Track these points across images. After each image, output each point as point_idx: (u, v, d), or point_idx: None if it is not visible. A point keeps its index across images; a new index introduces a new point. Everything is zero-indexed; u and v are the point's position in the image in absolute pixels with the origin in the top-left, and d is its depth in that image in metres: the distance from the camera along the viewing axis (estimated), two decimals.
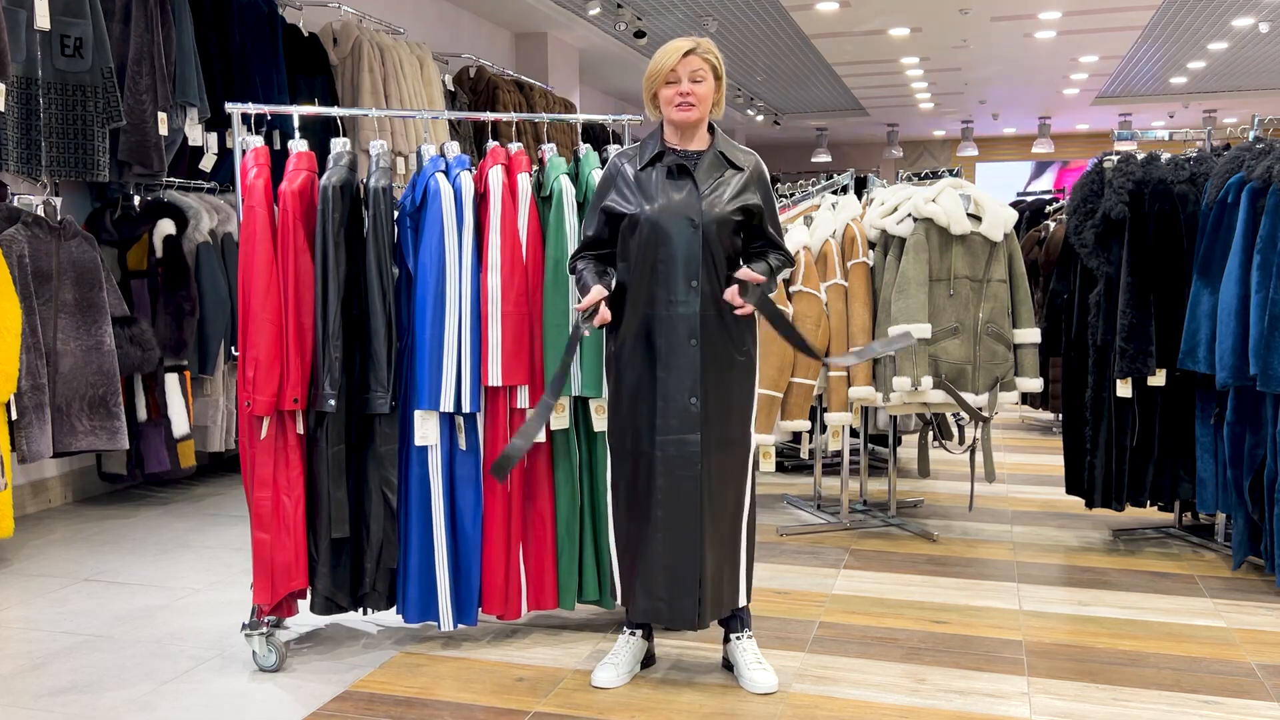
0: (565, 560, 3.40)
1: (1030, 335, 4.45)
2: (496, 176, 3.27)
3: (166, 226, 5.18)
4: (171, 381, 5.10)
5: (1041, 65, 13.72)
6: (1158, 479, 4.36)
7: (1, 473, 4.00)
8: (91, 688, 3.12)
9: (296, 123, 3.31)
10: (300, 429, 3.22)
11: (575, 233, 3.31)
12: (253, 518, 3.21)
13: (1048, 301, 5.02)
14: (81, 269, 4.57)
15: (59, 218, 4.54)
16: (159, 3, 5.06)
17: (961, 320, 4.32)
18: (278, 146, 5.66)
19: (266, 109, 3.35)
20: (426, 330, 3.21)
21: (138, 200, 5.28)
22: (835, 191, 5.46)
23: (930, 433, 5.16)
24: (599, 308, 2.90)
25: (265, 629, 3.20)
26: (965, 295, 4.33)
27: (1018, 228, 5.21)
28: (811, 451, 5.19)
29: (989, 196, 4.45)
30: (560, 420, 3.32)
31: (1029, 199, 9.45)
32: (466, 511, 3.28)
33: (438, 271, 3.21)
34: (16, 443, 4.21)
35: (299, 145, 3.27)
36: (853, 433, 5.64)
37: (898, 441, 5.23)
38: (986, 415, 4.38)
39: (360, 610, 3.38)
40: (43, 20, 4.53)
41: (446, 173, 3.27)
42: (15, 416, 4.18)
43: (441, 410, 3.21)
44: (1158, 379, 4.24)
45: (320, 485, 3.23)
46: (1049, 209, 7.97)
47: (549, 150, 3.44)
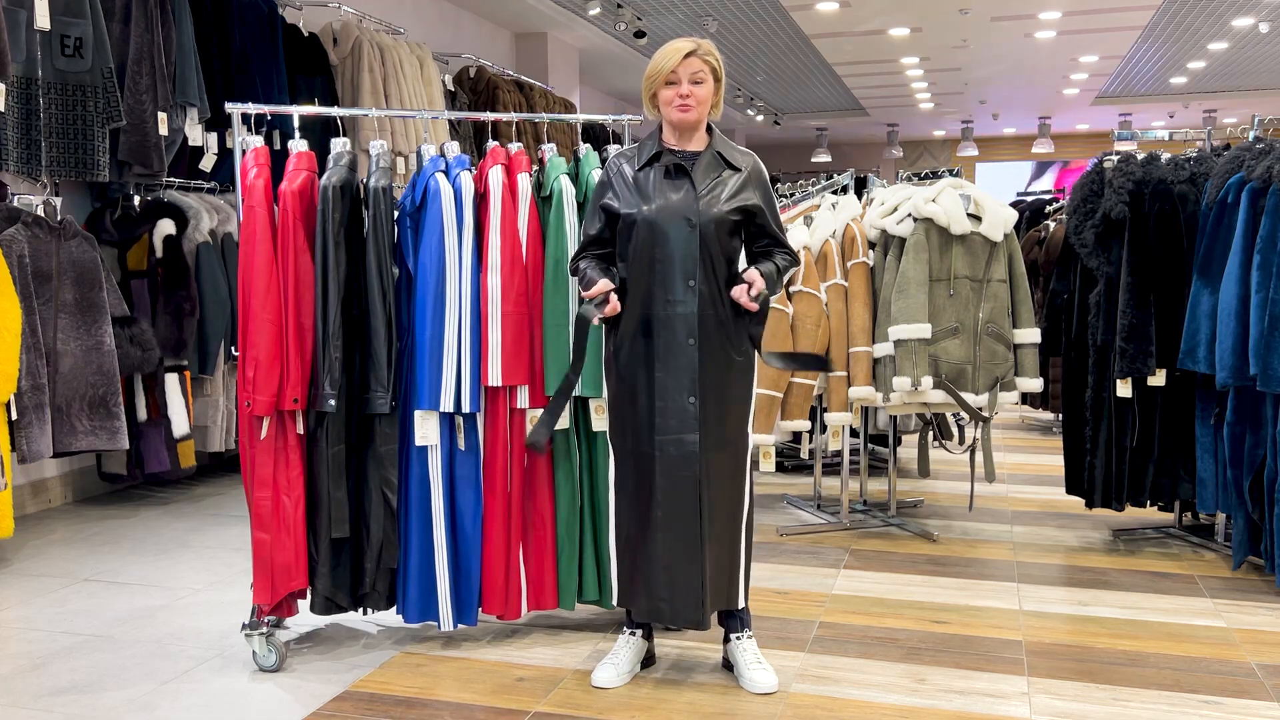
0: (565, 560, 3.40)
1: (1030, 335, 4.45)
2: (496, 176, 3.27)
3: (166, 226, 5.18)
4: (171, 381, 5.10)
5: (1041, 65, 13.72)
6: (1158, 479, 4.36)
7: (1, 473, 4.01)
8: (91, 688, 3.12)
9: (296, 123, 3.32)
10: (300, 429, 3.22)
11: (575, 233, 3.31)
12: (253, 518, 3.21)
13: (1048, 301, 5.02)
14: (81, 269, 4.57)
15: (59, 218, 4.54)
16: (159, 3, 5.06)
17: (961, 320, 4.32)
18: (278, 146, 5.66)
19: (266, 109, 3.35)
20: (426, 330, 3.21)
21: (138, 200, 5.28)
22: (835, 191, 5.46)
23: (930, 433, 5.16)
24: (608, 297, 2.90)
25: (265, 629, 3.20)
26: (965, 295, 4.33)
27: (1018, 228, 5.20)
28: (811, 451, 5.19)
29: (989, 196, 4.45)
30: (560, 420, 3.32)
31: (1029, 199, 9.45)
32: (466, 511, 3.28)
33: (438, 271, 3.21)
34: (16, 443, 4.21)
35: (299, 145, 3.27)
36: (853, 433, 5.64)
37: (898, 441, 5.23)
38: (986, 415, 4.37)
39: (360, 610, 3.38)
40: (43, 20, 4.53)
41: (446, 173, 3.27)
42: (15, 416, 4.18)
43: (441, 410, 3.21)
44: (1158, 379, 4.24)
45: (320, 485, 3.23)
46: (1049, 209, 7.97)
47: (549, 150, 3.44)
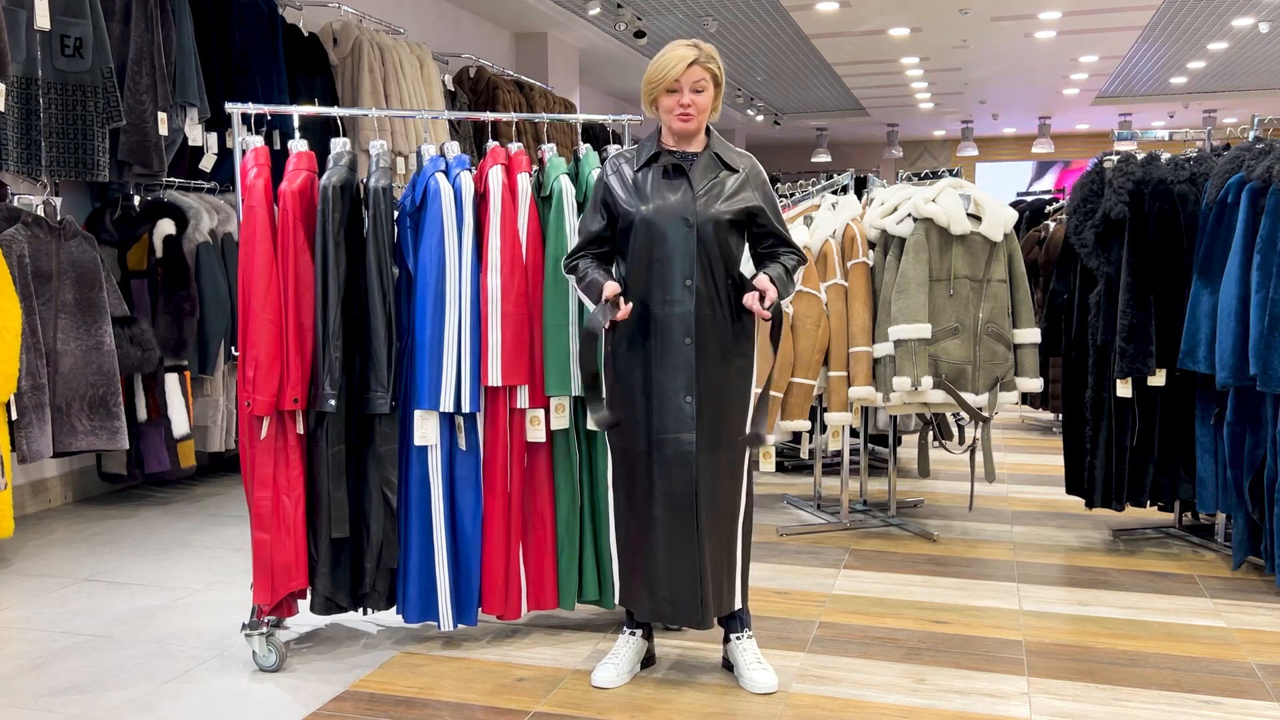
0: (565, 560, 3.40)
1: (1030, 335, 4.45)
2: (496, 176, 3.27)
3: (166, 226, 5.18)
4: (171, 381, 5.10)
5: (1041, 65, 13.72)
6: (1158, 479, 4.36)
7: (1, 473, 4.01)
8: (91, 688, 3.12)
9: (296, 123, 3.32)
10: (300, 429, 3.22)
11: (575, 233, 3.31)
12: (253, 518, 3.21)
13: (1048, 301, 5.02)
14: (81, 269, 4.57)
15: (59, 218, 4.54)
16: (159, 3, 5.06)
17: (961, 320, 4.32)
18: (278, 146, 5.66)
19: (266, 109, 3.35)
20: (426, 330, 3.21)
21: (138, 200, 5.28)
22: (835, 191, 5.46)
23: (930, 433, 5.16)
24: (618, 300, 2.90)
25: (265, 629, 3.20)
26: (965, 295, 4.33)
27: (1018, 228, 5.20)
28: (811, 451, 5.19)
29: (989, 196, 4.45)
30: (560, 420, 3.32)
31: (1029, 199, 9.45)
32: (466, 511, 3.28)
33: (438, 271, 3.21)
34: (16, 443, 4.21)
35: (299, 145, 3.27)
36: (853, 433, 5.64)
37: (898, 441, 5.23)
38: (986, 415, 4.37)
39: (360, 610, 3.38)
40: (43, 20, 4.53)
41: (446, 173, 3.27)
42: (15, 416, 4.18)
43: (441, 410, 3.21)
44: (1158, 379, 4.24)
45: (320, 485, 3.23)
46: (1049, 209, 7.97)
47: (549, 150, 3.44)
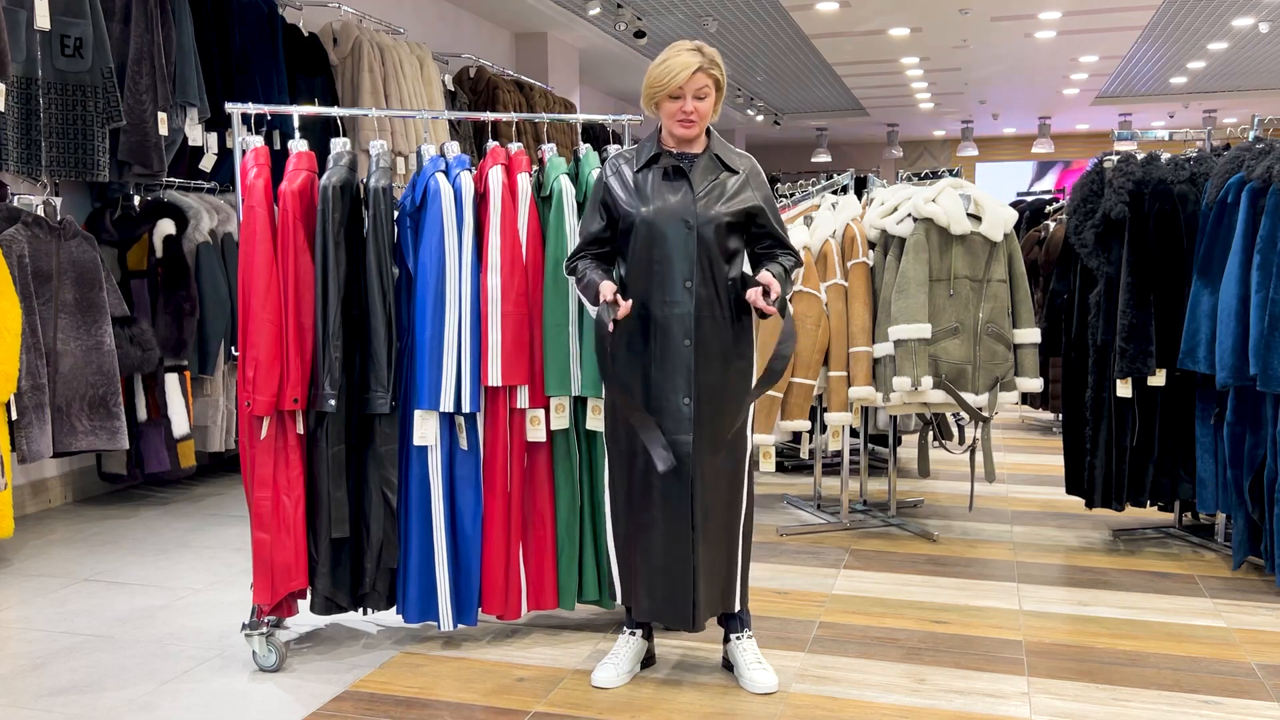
0: (565, 560, 3.40)
1: (1030, 335, 4.45)
2: (496, 176, 3.27)
3: (166, 226, 5.18)
4: (171, 381, 5.10)
5: (1041, 65, 13.72)
6: (1158, 479, 4.36)
7: (1, 473, 4.01)
8: (91, 688, 3.12)
9: (296, 123, 3.31)
10: (300, 429, 3.22)
11: (575, 233, 3.31)
12: (253, 518, 3.21)
13: (1048, 301, 5.02)
14: (81, 269, 4.57)
15: (59, 218, 4.54)
16: (159, 3, 5.06)
17: (961, 320, 4.32)
18: (278, 146, 5.66)
19: (266, 109, 3.35)
20: (426, 330, 3.21)
21: (138, 200, 5.28)
22: (835, 191, 5.46)
23: (930, 433, 5.16)
24: (617, 300, 2.89)
25: (265, 629, 3.20)
26: (965, 295, 4.33)
27: (1018, 228, 5.20)
28: (811, 451, 5.19)
29: (989, 196, 4.45)
30: (560, 420, 3.32)
31: (1029, 199, 9.45)
32: (466, 511, 3.28)
33: (438, 271, 3.21)
34: (16, 443, 4.21)
35: (299, 145, 3.27)
36: (853, 433, 5.64)
37: (898, 441, 5.23)
38: (986, 415, 4.37)
39: (360, 610, 3.37)
40: (43, 20, 4.53)
41: (446, 173, 3.27)
42: (15, 416, 4.18)
43: (441, 410, 3.21)
44: (1158, 379, 4.24)
45: (320, 485, 3.23)
46: (1049, 209, 7.97)
47: (549, 150, 3.44)
